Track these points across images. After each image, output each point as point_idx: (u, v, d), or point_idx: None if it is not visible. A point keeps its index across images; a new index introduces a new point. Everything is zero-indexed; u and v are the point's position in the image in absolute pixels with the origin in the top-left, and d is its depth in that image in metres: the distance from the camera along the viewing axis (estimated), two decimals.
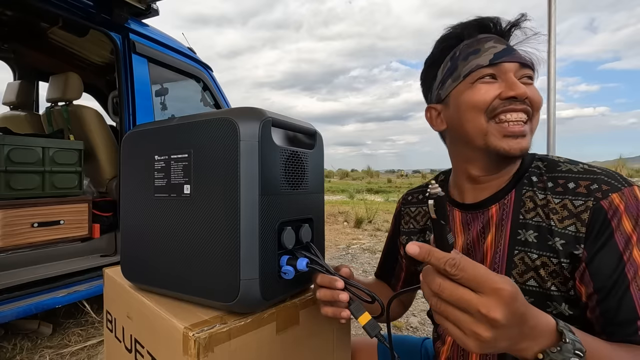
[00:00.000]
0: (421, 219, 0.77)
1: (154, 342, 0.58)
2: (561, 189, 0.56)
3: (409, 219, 0.79)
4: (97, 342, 1.84)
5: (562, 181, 0.57)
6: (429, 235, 0.74)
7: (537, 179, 0.60)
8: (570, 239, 0.53)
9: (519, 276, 0.58)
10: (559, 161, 0.60)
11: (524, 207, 0.59)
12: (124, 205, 0.67)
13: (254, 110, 0.55)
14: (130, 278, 0.67)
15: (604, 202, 0.52)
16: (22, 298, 1.67)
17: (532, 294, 0.56)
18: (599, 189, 0.53)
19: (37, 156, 1.93)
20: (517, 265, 0.58)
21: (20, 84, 2.80)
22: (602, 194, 0.52)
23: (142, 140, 0.64)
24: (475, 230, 0.65)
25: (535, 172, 0.61)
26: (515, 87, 0.57)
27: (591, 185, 0.53)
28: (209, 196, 0.54)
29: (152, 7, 2.31)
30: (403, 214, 0.81)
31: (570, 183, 0.56)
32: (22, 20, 2.50)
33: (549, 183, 0.58)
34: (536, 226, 0.57)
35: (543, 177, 0.60)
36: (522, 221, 0.59)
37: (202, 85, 2.84)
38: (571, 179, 0.56)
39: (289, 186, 0.59)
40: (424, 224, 0.76)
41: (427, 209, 0.75)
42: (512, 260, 0.58)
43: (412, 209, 0.79)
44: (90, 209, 2.12)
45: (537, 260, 0.56)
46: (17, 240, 1.82)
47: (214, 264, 0.54)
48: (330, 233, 4.73)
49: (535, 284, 0.56)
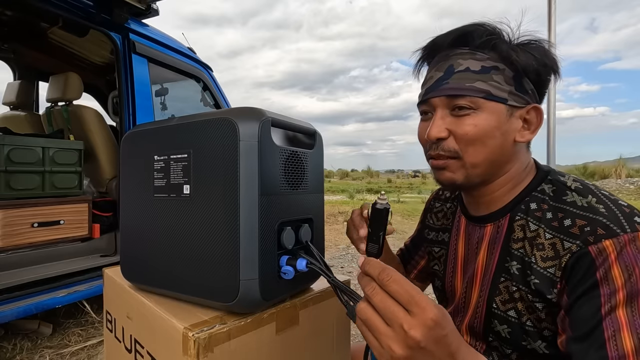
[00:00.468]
0: (441, 217, 0.77)
1: (154, 342, 0.58)
2: (557, 224, 0.52)
3: (432, 215, 0.80)
4: (97, 342, 1.84)
5: (561, 215, 0.53)
6: (441, 236, 0.74)
7: (536, 206, 0.57)
8: (546, 281, 0.51)
9: (502, 304, 0.57)
10: (569, 187, 0.55)
11: (514, 235, 0.57)
12: (123, 205, 0.67)
13: (253, 110, 0.55)
14: (130, 278, 0.67)
15: (592, 247, 0.47)
16: (22, 298, 1.67)
17: (511, 325, 0.56)
18: (592, 233, 0.48)
19: (37, 156, 1.93)
20: (501, 293, 0.57)
21: (20, 84, 2.80)
22: (594, 238, 0.47)
23: (142, 140, 0.64)
24: (472, 243, 0.65)
25: (537, 198, 0.57)
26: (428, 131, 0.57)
27: (586, 227, 0.49)
28: (209, 196, 0.54)
29: (152, 7, 2.31)
30: (431, 207, 0.81)
31: (567, 220, 0.51)
32: (22, 20, 2.50)
33: (548, 214, 0.54)
34: (520, 258, 0.56)
35: (543, 206, 0.56)
36: (510, 249, 0.57)
37: (202, 85, 2.84)
38: (570, 214, 0.52)
39: (289, 186, 0.59)
40: (441, 224, 0.76)
41: (447, 207, 0.76)
42: (497, 287, 0.58)
43: (437, 205, 0.79)
44: (90, 209, 2.12)
45: (515, 293, 0.55)
46: (17, 240, 1.82)
47: (214, 264, 0.54)
48: (330, 233, 4.73)
49: (515, 316, 0.55)
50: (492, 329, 0.58)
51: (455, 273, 0.69)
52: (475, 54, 0.56)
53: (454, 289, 0.68)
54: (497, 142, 0.56)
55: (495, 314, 0.58)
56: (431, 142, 0.59)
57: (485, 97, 0.54)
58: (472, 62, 0.56)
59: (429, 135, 0.57)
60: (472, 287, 0.63)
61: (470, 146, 0.56)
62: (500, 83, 0.55)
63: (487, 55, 0.56)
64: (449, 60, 0.57)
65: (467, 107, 0.55)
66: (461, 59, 0.56)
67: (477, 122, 0.55)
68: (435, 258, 0.75)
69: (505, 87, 0.55)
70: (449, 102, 0.56)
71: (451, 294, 0.69)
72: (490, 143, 0.55)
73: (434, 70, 0.59)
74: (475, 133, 0.55)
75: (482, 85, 0.54)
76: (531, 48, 0.56)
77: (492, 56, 0.55)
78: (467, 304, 0.64)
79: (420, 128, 0.63)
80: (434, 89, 0.58)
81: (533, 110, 0.57)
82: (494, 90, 0.54)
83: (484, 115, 0.55)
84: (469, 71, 0.55)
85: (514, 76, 0.55)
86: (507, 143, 0.57)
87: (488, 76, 0.55)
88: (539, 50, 0.56)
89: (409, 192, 14.04)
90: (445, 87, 0.56)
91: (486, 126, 0.55)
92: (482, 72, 0.55)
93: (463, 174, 0.58)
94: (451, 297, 0.69)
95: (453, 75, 0.56)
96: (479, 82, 0.55)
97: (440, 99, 0.57)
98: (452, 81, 0.56)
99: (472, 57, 0.56)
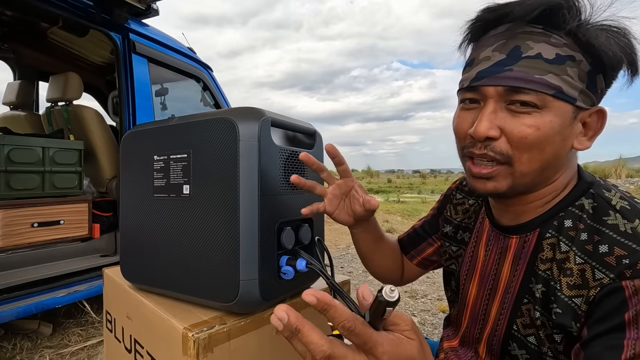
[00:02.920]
0: (462, 212, 0.69)
1: (154, 342, 0.58)
2: (591, 248, 0.45)
3: (452, 206, 0.72)
4: (97, 342, 1.84)
5: (598, 238, 0.45)
6: (461, 235, 0.68)
7: (571, 224, 0.48)
8: (569, 312, 0.45)
9: (523, 328, 0.51)
10: (614, 207, 0.46)
11: (542, 254, 0.50)
12: (123, 205, 0.67)
13: (253, 110, 0.54)
14: (129, 278, 0.67)
15: (627, 283, 0.40)
16: (22, 298, 1.67)
17: (530, 352, 0.51)
18: (631, 266, 0.41)
19: (37, 156, 1.93)
20: (523, 315, 0.52)
21: (20, 84, 2.80)
22: (631, 272, 0.40)
23: (142, 140, 0.64)
24: (494, 251, 0.59)
25: (573, 215, 0.49)
26: (476, 126, 0.47)
27: (625, 259, 0.41)
28: (208, 196, 0.54)
29: (152, 7, 2.31)
30: (452, 196, 0.73)
31: (604, 246, 0.44)
32: (22, 20, 2.50)
33: (583, 234, 0.46)
34: (545, 281, 0.49)
35: (579, 225, 0.48)
36: (536, 270, 0.50)
37: (202, 85, 2.84)
38: (608, 239, 0.44)
39: (289, 186, 0.59)
40: (460, 220, 0.68)
41: (470, 203, 0.68)
42: (520, 308, 0.52)
43: (458, 197, 0.71)
44: (90, 209, 2.12)
45: (537, 320, 0.49)
46: (17, 240, 1.82)
47: (214, 265, 0.54)
48: (330, 233, 4.73)
49: (535, 342, 0.50)
50: (509, 352, 0.54)
51: (470, 278, 0.64)
52: (550, 36, 0.45)
53: (467, 293, 0.64)
54: (555, 148, 0.47)
55: (515, 337, 0.53)
56: (476, 140, 0.49)
57: (555, 95, 0.45)
58: (545, 47, 0.45)
59: (477, 132, 0.47)
60: (493, 300, 0.58)
61: (526, 152, 0.47)
62: (574, 78, 0.45)
63: (564, 40, 0.45)
64: (515, 40, 0.46)
65: (531, 104, 0.45)
66: (532, 40, 0.45)
67: (540, 124, 0.45)
68: (452, 257, 0.69)
69: (578, 83, 0.45)
70: (508, 94, 0.46)
71: (462, 298, 0.65)
72: (548, 150, 0.46)
73: (492, 50, 0.47)
74: (536, 138, 0.45)
75: (554, 80, 0.44)
76: (615, 36, 0.44)
77: (569, 42, 0.45)
78: (487, 315, 0.59)
79: (460, 119, 0.52)
80: (491, 74, 0.46)
81: (596, 114, 0.48)
82: (565, 87, 0.45)
83: (549, 116, 0.45)
84: (541, 58, 0.45)
85: (590, 71, 0.45)
86: (563, 150, 0.48)
87: (562, 68, 0.44)
88: (623, 41, 0.45)
89: (409, 192, 14.05)
90: (509, 76, 0.45)
91: (549, 130, 0.45)
92: (556, 61, 0.44)
93: (508, 183, 0.49)
94: (462, 301, 0.66)
95: (520, 60, 0.45)
96: (551, 74, 0.44)
97: (496, 89, 0.46)
98: (518, 69, 0.45)
99: (546, 40, 0.45)
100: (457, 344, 0.67)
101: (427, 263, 0.78)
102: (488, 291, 0.59)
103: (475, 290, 0.62)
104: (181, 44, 2.74)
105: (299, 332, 0.33)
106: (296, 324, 0.32)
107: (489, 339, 0.58)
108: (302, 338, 0.33)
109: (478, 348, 0.61)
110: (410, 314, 2.29)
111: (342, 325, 0.32)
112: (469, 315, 0.63)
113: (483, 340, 0.59)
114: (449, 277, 0.71)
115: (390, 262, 0.79)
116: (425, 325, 2.13)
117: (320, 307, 0.32)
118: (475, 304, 0.62)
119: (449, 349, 0.68)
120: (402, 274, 0.81)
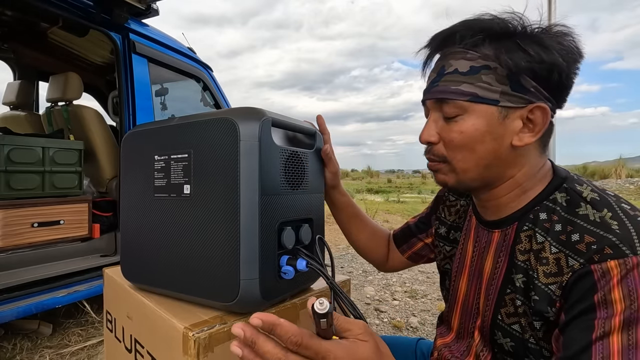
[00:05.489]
0: (454, 213, 0.73)
1: (154, 342, 0.58)
2: (564, 237, 0.48)
3: (445, 207, 0.76)
4: (97, 342, 1.84)
5: (570, 228, 0.48)
6: (453, 235, 0.71)
7: (546, 216, 0.52)
8: (546, 298, 0.48)
9: (507, 317, 0.55)
10: (584, 198, 0.50)
11: (520, 246, 0.54)
12: (123, 205, 0.67)
13: (253, 110, 0.55)
14: (130, 278, 0.67)
15: (595, 267, 0.43)
16: (22, 298, 1.67)
17: (514, 339, 0.54)
18: (599, 251, 0.44)
19: (37, 156, 1.93)
20: (506, 305, 0.55)
21: (20, 84, 2.80)
22: (599, 257, 0.43)
23: (142, 140, 0.64)
24: (480, 246, 0.63)
25: (548, 208, 0.53)
26: (420, 134, 0.58)
27: (593, 244, 0.45)
28: (209, 196, 0.54)
29: (152, 7, 2.31)
30: (444, 198, 0.77)
31: (576, 235, 0.47)
32: (22, 20, 2.50)
33: (557, 225, 0.50)
34: (525, 271, 0.53)
35: (553, 217, 0.51)
36: (515, 261, 0.54)
37: (202, 85, 2.84)
38: (580, 228, 0.47)
39: (289, 186, 0.59)
40: (452, 221, 0.72)
41: (462, 203, 0.72)
42: (503, 299, 0.56)
43: (451, 198, 0.75)
44: (90, 209, 2.12)
45: (520, 308, 0.53)
46: (17, 240, 1.82)
47: (214, 264, 0.54)
48: (330, 233, 4.73)
49: (519, 330, 0.53)
50: (496, 341, 0.57)
51: (460, 274, 0.67)
52: (466, 53, 0.52)
53: (457, 288, 0.67)
54: (489, 147, 0.53)
55: (499, 326, 0.56)
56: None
57: (471, 100, 0.51)
58: (462, 62, 0.52)
59: (420, 139, 0.58)
60: (480, 292, 0.61)
61: (457, 153, 0.54)
62: (491, 83, 0.51)
63: (478, 53, 0.51)
64: (442, 60, 0.55)
65: (455, 111, 0.53)
66: (453, 59, 0.53)
67: (463, 128, 0.53)
68: (447, 257, 0.73)
69: (496, 87, 0.51)
70: (438, 105, 0.55)
71: (453, 294, 0.69)
72: (480, 148, 0.53)
73: (432, 71, 0.57)
74: (460, 140, 0.53)
75: (468, 88, 0.51)
76: (542, 40, 0.49)
77: (484, 54, 0.51)
78: (478, 308, 0.62)
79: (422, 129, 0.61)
80: (427, 91, 0.57)
81: (537, 110, 0.52)
82: (481, 92, 0.51)
83: (471, 119, 0.52)
84: (457, 73, 0.52)
85: (509, 74, 0.50)
86: (502, 147, 0.53)
87: (477, 77, 0.51)
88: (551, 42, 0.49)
89: (409, 192, 14.04)
90: (436, 90, 0.54)
91: (473, 132, 0.52)
92: (470, 73, 0.51)
93: (454, 177, 0.57)
94: (452, 297, 0.68)
95: (443, 77, 0.54)
96: (465, 84, 0.52)
97: (431, 102, 0.56)
98: (442, 84, 0.54)
99: (463, 56, 0.52)
100: (450, 340, 0.69)
101: (417, 257, 0.84)
102: (477, 284, 0.62)
103: (465, 285, 0.65)
104: (181, 44, 2.74)
105: (255, 344, 0.35)
106: (251, 337, 0.35)
107: (481, 331, 0.60)
108: (258, 349, 0.35)
109: (472, 341, 0.62)
110: (410, 314, 2.30)
111: (290, 341, 0.34)
112: (460, 310, 0.66)
113: (476, 332, 0.62)
114: (444, 277, 0.74)
115: (371, 244, 0.88)
116: (426, 325, 2.13)
117: (266, 328, 0.35)
118: (467, 299, 0.65)
119: (442, 346, 0.69)
120: (386, 260, 0.89)
